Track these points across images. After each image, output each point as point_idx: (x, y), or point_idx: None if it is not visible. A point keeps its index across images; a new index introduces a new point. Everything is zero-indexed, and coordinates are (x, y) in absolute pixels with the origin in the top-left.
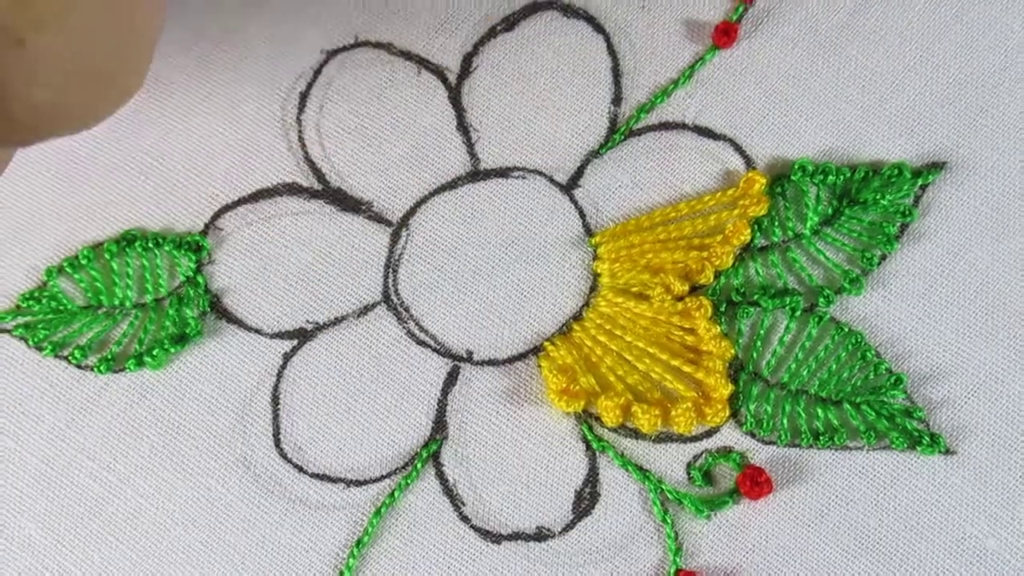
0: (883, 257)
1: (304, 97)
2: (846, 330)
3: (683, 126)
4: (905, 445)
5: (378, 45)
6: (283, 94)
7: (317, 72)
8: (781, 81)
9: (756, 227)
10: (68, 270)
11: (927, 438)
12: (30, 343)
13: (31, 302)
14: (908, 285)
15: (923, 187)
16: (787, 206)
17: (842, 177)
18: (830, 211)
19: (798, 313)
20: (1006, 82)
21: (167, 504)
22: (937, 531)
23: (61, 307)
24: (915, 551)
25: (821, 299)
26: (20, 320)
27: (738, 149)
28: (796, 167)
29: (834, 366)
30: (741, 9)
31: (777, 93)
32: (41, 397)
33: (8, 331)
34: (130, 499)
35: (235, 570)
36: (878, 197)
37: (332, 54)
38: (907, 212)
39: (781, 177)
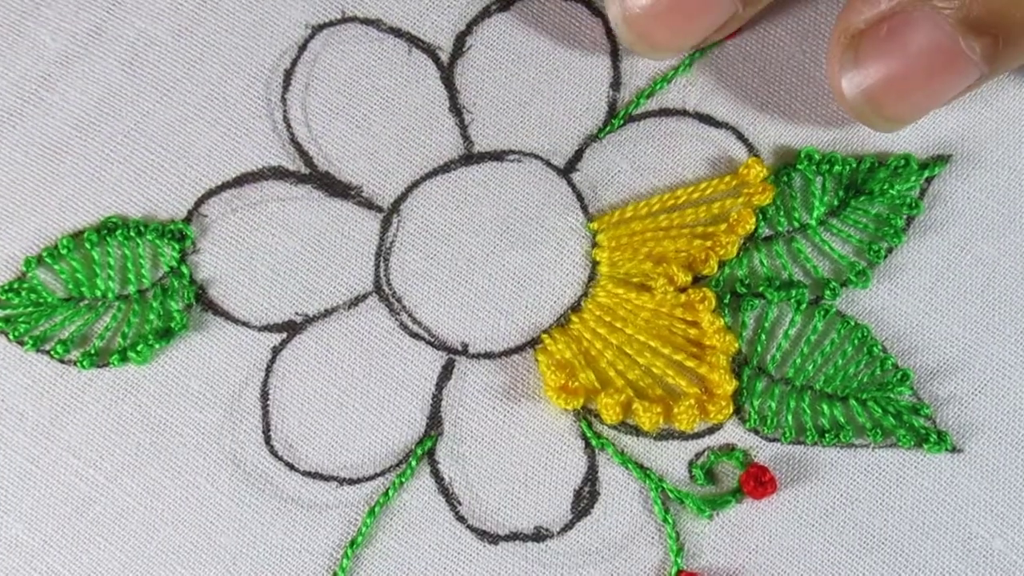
0: (890, 250)
1: (288, 75)
2: (852, 324)
3: (684, 113)
4: (911, 443)
5: (367, 21)
6: (267, 72)
7: (302, 48)
8: (784, 68)
9: (761, 216)
10: (48, 260)
11: (934, 436)
12: (11, 337)
13: (10, 294)
14: (915, 278)
15: (928, 180)
16: (793, 195)
17: (848, 167)
18: (836, 202)
19: (804, 306)
20: (1012, 74)
21: (155, 503)
22: (943, 531)
23: (41, 299)
24: (921, 551)
25: (827, 291)
26: (0, 313)
27: (741, 137)
28: (802, 155)
29: (840, 361)
30: None
31: (780, 81)
32: (23, 393)
33: None
34: (117, 498)
35: (225, 571)
36: (885, 187)
37: (318, 29)
38: (913, 204)
39: (787, 166)
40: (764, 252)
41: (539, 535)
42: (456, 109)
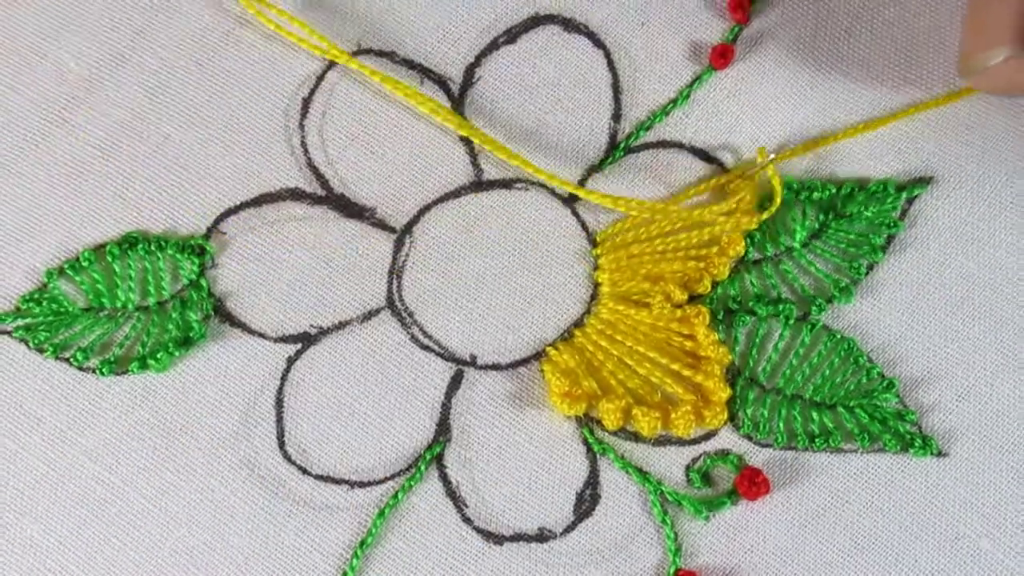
0: (870, 266)
1: (307, 103)
2: (838, 337)
3: (680, 146)
4: (898, 447)
5: (381, 53)
6: (286, 100)
7: (320, 78)
8: (773, 102)
9: (749, 241)
10: (69, 272)
11: (919, 440)
12: (31, 345)
13: (31, 304)
14: (897, 293)
15: (910, 200)
16: (777, 222)
17: (827, 192)
18: (817, 225)
19: (792, 321)
20: (991, 98)
21: (170, 506)
22: (931, 531)
23: (62, 309)
24: (910, 551)
25: (814, 307)
26: (20, 322)
27: (728, 171)
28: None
29: (827, 371)
30: (736, 29)
31: (769, 113)
32: (43, 399)
33: (8, 333)
34: (133, 501)
35: (239, 571)
36: (863, 210)
37: (334, 61)
38: (893, 223)
39: (768, 195)
40: (754, 273)
41: (542, 536)
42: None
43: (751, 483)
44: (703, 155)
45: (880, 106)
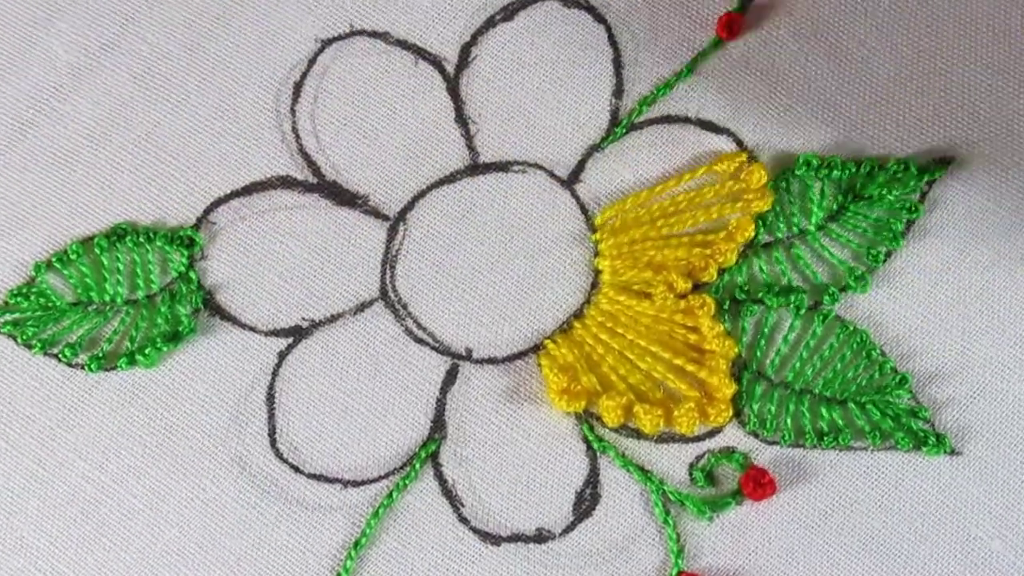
0: (889, 254)
1: (298, 87)
2: (851, 328)
3: (686, 119)
4: (910, 445)
5: (374, 34)
6: (277, 84)
7: (311, 61)
8: (784, 75)
9: (760, 223)
10: (57, 266)
11: (933, 438)
12: (19, 341)
13: (19, 298)
14: (914, 282)
15: (930, 183)
16: (791, 201)
17: (847, 172)
18: (835, 206)
19: (803, 311)
20: (1015, 77)
21: (161, 505)
22: (942, 532)
23: (50, 303)
24: (920, 553)
25: (826, 297)
26: (8, 317)
27: (740, 144)
28: (800, 161)
29: (839, 365)
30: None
31: (780, 87)
32: (31, 396)
33: None
34: (123, 500)
35: (230, 572)
36: (884, 192)
37: (327, 43)
38: (913, 208)
39: (785, 171)
40: (764, 259)
41: (541, 536)
42: (462, 120)
43: (757, 484)
44: (711, 127)
45: (898, 80)
